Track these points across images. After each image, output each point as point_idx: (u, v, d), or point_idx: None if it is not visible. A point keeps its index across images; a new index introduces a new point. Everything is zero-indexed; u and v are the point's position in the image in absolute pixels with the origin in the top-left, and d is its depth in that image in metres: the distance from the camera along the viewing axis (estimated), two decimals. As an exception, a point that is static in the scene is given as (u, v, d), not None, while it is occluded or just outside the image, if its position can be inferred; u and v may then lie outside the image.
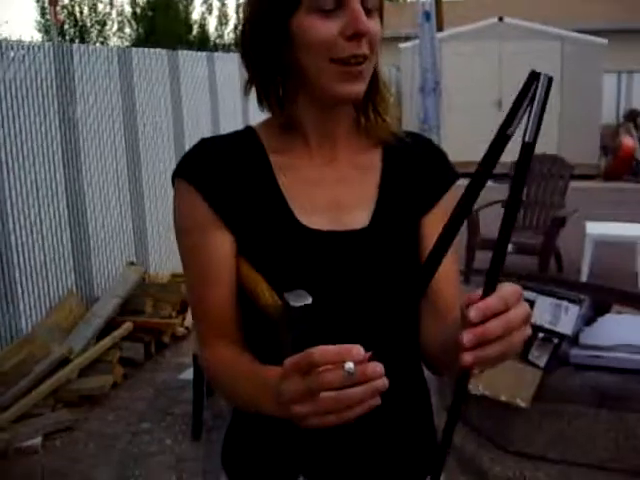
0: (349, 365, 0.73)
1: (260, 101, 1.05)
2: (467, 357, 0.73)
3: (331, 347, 0.75)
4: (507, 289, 0.75)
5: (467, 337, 0.72)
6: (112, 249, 5.12)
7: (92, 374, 4.10)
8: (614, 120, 14.70)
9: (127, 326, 4.42)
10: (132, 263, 5.17)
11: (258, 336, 1.04)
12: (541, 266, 5.52)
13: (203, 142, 1.07)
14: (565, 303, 2.68)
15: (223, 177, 1.03)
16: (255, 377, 0.94)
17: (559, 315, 2.69)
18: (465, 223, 0.89)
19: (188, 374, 3.95)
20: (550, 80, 0.71)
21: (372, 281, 1.03)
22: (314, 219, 1.03)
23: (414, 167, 1.11)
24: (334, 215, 1.04)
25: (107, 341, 4.26)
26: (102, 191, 5.00)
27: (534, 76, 0.70)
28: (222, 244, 1.03)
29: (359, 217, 1.05)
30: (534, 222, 6.19)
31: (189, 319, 4.90)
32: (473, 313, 0.72)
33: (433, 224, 1.07)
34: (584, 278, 5.71)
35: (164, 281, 5.17)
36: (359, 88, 0.98)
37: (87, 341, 4.23)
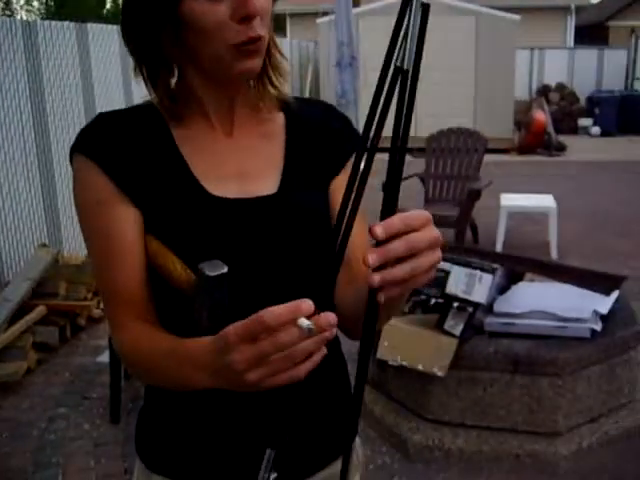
0: (307, 322, 0.72)
1: (147, 85, 1.02)
2: (375, 277, 0.75)
3: (281, 307, 0.73)
4: (411, 212, 0.78)
5: (371, 256, 0.74)
6: (22, 231, 4.93)
7: (4, 360, 3.95)
8: (527, 95, 15.12)
9: (40, 309, 4.27)
10: (44, 245, 5.00)
11: (171, 311, 1.01)
12: (457, 237, 5.63)
13: (100, 116, 1.03)
14: (479, 272, 2.73)
15: (124, 150, 0.99)
16: (178, 352, 0.90)
17: (473, 284, 2.74)
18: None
19: (105, 357, 3.86)
20: (425, 5, 0.68)
21: (283, 247, 1.02)
22: (221, 188, 1.01)
23: (318, 133, 1.11)
24: (241, 183, 1.03)
25: (19, 326, 4.11)
26: (10, 171, 4.80)
27: (407, 2, 0.68)
28: (127, 219, 0.99)
29: (267, 184, 1.04)
30: (450, 194, 6.30)
31: (106, 300, 4.79)
32: (378, 230, 0.74)
33: (341, 189, 1.03)
34: (499, 248, 5.87)
35: (79, 262, 5.01)
36: (257, 64, 0.97)
37: (-2, 326, 4.07)
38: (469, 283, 2.73)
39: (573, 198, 7.96)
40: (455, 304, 2.79)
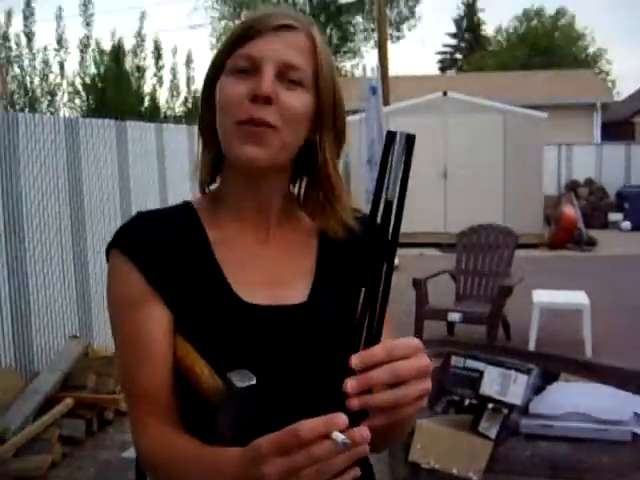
0: (341, 437, 0.72)
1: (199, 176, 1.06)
2: (353, 401, 0.76)
3: (316, 420, 0.73)
4: (398, 341, 0.79)
5: (350, 383, 0.77)
6: (54, 322, 4.96)
7: (29, 453, 3.90)
8: (556, 191, 15.20)
9: (67, 402, 4.26)
10: (75, 336, 5.02)
11: (195, 415, 0.99)
12: (489, 335, 5.55)
13: (140, 215, 1.05)
14: (514, 373, 2.67)
15: (160, 250, 1.00)
16: (203, 459, 0.88)
17: (508, 385, 2.67)
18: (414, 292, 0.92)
19: (131, 452, 3.79)
20: (409, 137, 0.73)
21: (312, 356, 1.01)
22: (252, 294, 1.01)
23: (351, 242, 1.09)
24: (272, 290, 1.02)
25: (46, 418, 4.09)
26: (45, 262, 4.88)
27: (391, 136, 0.73)
28: (158, 319, 0.98)
29: (297, 293, 1.04)
30: (481, 291, 6.26)
31: (134, 394, 4.75)
32: (354, 360, 0.77)
33: None
34: (532, 346, 5.76)
35: (108, 354, 5.02)
36: (256, 152, 0.96)
37: (25, 419, 4.04)
38: (504, 384, 2.67)
39: (606, 294, 7.84)
40: (490, 405, 2.72)
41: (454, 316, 5.71)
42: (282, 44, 0.96)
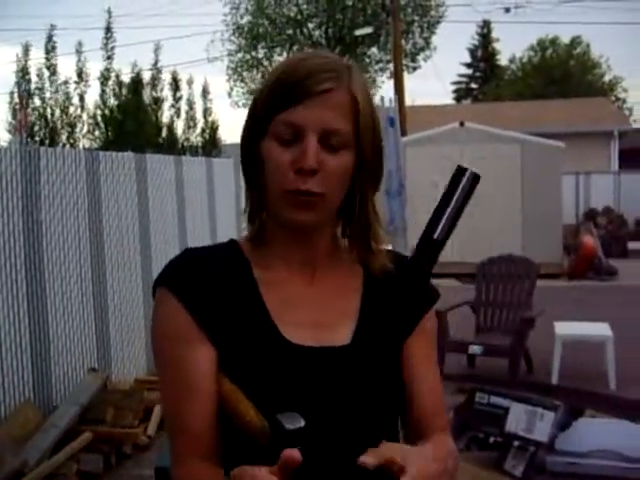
0: None
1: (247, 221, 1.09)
2: None
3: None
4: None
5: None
6: (73, 355, 4.95)
7: (47, 489, 3.88)
8: (574, 219, 15.11)
9: (86, 436, 4.23)
10: (94, 369, 5.00)
11: (237, 455, 0.99)
12: (511, 368, 5.47)
13: (187, 252, 1.07)
14: (540, 410, 2.62)
15: (207, 289, 1.02)
16: None
17: (534, 422, 2.63)
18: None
19: (149, 488, 3.75)
20: (476, 177, 0.75)
21: (354, 398, 1.01)
22: (297, 335, 1.02)
23: (395, 287, 1.11)
24: (316, 332, 1.04)
25: (64, 453, 4.06)
26: (64, 295, 4.89)
27: (461, 171, 0.74)
28: (204, 357, 1.00)
29: (341, 335, 1.05)
30: (502, 323, 6.18)
31: (152, 427, 4.72)
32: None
33: (415, 344, 1.10)
34: (555, 379, 5.68)
35: (127, 388, 5.00)
36: (307, 217, 1.00)
37: (43, 453, 4.02)
38: (530, 421, 2.62)
39: (628, 325, 7.71)
40: (515, 443, 2.66)
41: (475, 349, 5.64)
42: (324, 109, 0.97)
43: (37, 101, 18.12)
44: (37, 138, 17.95)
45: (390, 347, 1.08)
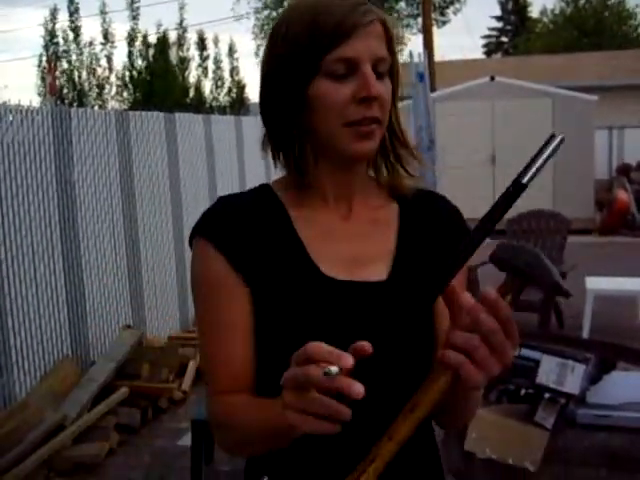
0: (329, 368, 0.76)
1: (275, 159, 1.09)
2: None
3: (326, 346, 0.79)
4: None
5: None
6: (109, 312, 5.06)
7: (87, 441, 4.00)
8: (607, 175, 14.85)
9: (123, 391, 4.34)
10: (129, 326, 5.11)
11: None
12: (542, 323, 5.47)
13: (221, 200, 1.09)
14: (571, 362, 2.62)
15: (243, 234, 1.05)
16: (272, 401, 0.92)
17: (565, 375, 2.63)
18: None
19: (186, 440, 3.85)
20: (562, 140, 0.84)
21: (388, 333, 1.01)
22: (334, 269, 1.04)
23: (431, 223, 1.14)
24: (353, 267, 1.06)
25: (102, 407, 4.18)
26: (99, 253, 4.98)
27: (552, 136, 0.84)
28: (241, 299, 1.03)
29: (377, 270, 1.07)
30: (533, 278, 6.15)
31: (187, 383, 4.82)
32: (490, 293, 0.84)
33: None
34: (586, 334, 5.66)
35: (161, 344, 5.11)
36: (369, 146, 1.02)
37: (82, 407, 4.14)
38: (561, 373, 2.63)
39: (662, 280, 7.65)
40: (546, 395, 2.67)
41: (506, 304, 5.62)
42: (370, 39, 1.00)
43: (65, 64, 18.17)
44: (66, 101, 18.07)
45: (427, 282, 1.10)
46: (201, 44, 21.17)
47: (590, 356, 2.71)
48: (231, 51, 21.49)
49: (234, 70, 21.49)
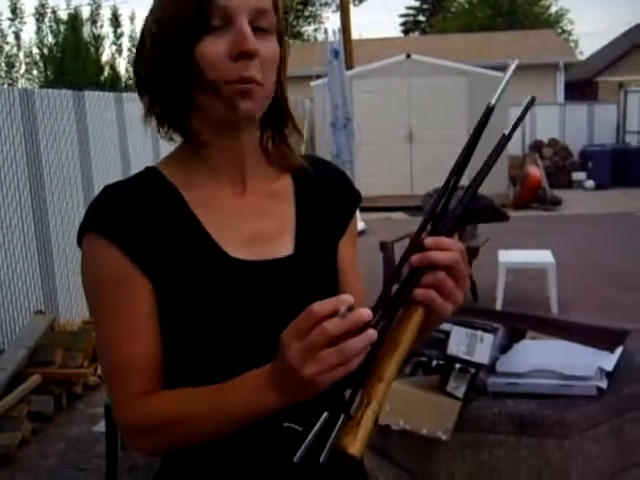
0: (343, 308, 0.80)
1: (160, 131, 1.03)
2: (415, 256, 0.90)
3: (326, 299, 0.81)
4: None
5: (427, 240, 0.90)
6: (18, 297, 4.89)
7: (-2, 431, 3.87)
8: (520, 151, 15.28)
9: (35, 378, 4.21)
10: (40, 311, 4.95)
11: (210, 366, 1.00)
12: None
13: (107, 190, 1.01)
14: (480, 333, 2.69)
15: (138, 222, 0.98)
16: (236, 386, 0.91)
17: (474, 345, 2.69)
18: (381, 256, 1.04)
19: (101, 426, 3.77)
20: (533, 99, 1.02)
21: (301, 308, 1.00)
22: (239, 250, 1.01)
23: (323, 192, 1.13)
24: (257, 245, 1.03)
25: (14, 396, 4.04)
26: (6, 237, 4.79)
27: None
28: (144, 292, 0.98)
29: (282, 246, 1.05)
30: (449, 252, 6.28)
31: (102, 367, 4.72)
32: (428, 240, 0.90)
33: (345, 246, 1.13)
34: (499, 306, 5.83)
35: (74, 329, 4.97)
36: (247, 106, 0.96)
37: (-8, 397, 3.99)
38: (470, 344, 2.69)
39: (571, 252, 7.95)
40: (457, 365, 2.73)
41: (421, 279, 5.72)
42: None
43: (-31, 39, 17.35)
44: (-29, 78, 17.27)
45: (330, 252, 1.10)
46: (115, 21, 20.59)
47: (498, 326, 2.78)
48: (147, 28, 20.98)
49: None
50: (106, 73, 20.22)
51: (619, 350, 3.19)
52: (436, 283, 0.89)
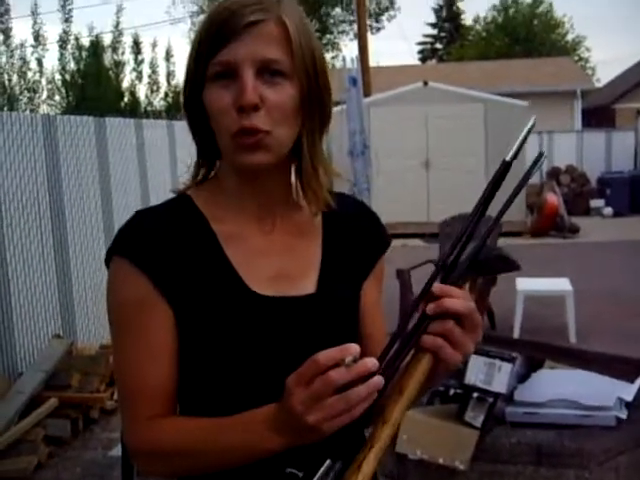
0: (348, 358, 0.81)
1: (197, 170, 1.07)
2: (430, 305, 0.89)
3: (331, 349, 0.83)
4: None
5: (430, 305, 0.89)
6: (37, 321, 4.92)
7: (14, 455, 3.87)
8: (538, 179, 15.26)
9: (52, 402, 4.22)
10: (58, 336, 4.98)
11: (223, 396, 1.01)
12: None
13: (138, 215, 1.03)
14: (498, 362, 2.67)
15: (166, 251, 0.99)
16: (240, 424, 0.92)
17: (493, 374, 2.68)
18: (397, 283, 1.06)
19: (117, 451, 3.77)
20: (541, 155, 1.03)
21: (322, 346, 1.00)
22: (262, 286, 1.02)
23: (352, 232, 1.13)
24: (282, 283, 1.04)
25: (30, 419, 4.05)
26: (26, 263, 4.83)
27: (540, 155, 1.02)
28: (165, 319, 0.99)
29: (305, 283, 1.05)
30: (466, 280, 6.25)
31: (119, 392, 4.72)
32: (436, 288, 0.90)
33: (369, 286, 1.13)
34: (517, 334, 5.79)
35: (92, 353, 4.99)
36: (259, 158, 0.96)
37: (9, 420, 4.01)
38: (488, 372, 2.67)
39: (590, 280, 7.89)
40: (475, 394, 2.72)
41: (439, 306, 5.69)
42: (255, 42, 0.94)
43: (-7, 67, 17.62)
44: (-6, 105, 17.55)
45: (353, 291, 1.10)
46: (136, 48, 20.86)
47: (516, 355, 2.77)
48: (168, 55, 21.26)
49: (170, 74, 21.25)
50: (126, 99, 20.46)
51: (639, 380, 3.15)
52: (444, 332, 0.89)
